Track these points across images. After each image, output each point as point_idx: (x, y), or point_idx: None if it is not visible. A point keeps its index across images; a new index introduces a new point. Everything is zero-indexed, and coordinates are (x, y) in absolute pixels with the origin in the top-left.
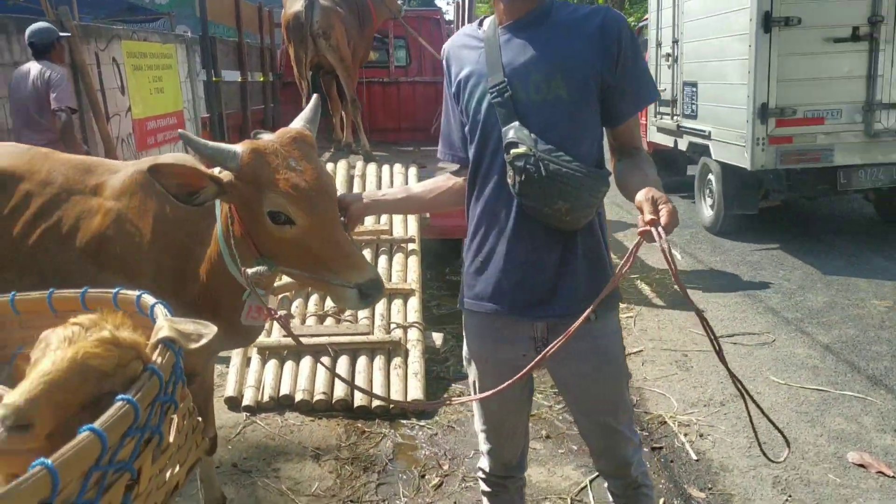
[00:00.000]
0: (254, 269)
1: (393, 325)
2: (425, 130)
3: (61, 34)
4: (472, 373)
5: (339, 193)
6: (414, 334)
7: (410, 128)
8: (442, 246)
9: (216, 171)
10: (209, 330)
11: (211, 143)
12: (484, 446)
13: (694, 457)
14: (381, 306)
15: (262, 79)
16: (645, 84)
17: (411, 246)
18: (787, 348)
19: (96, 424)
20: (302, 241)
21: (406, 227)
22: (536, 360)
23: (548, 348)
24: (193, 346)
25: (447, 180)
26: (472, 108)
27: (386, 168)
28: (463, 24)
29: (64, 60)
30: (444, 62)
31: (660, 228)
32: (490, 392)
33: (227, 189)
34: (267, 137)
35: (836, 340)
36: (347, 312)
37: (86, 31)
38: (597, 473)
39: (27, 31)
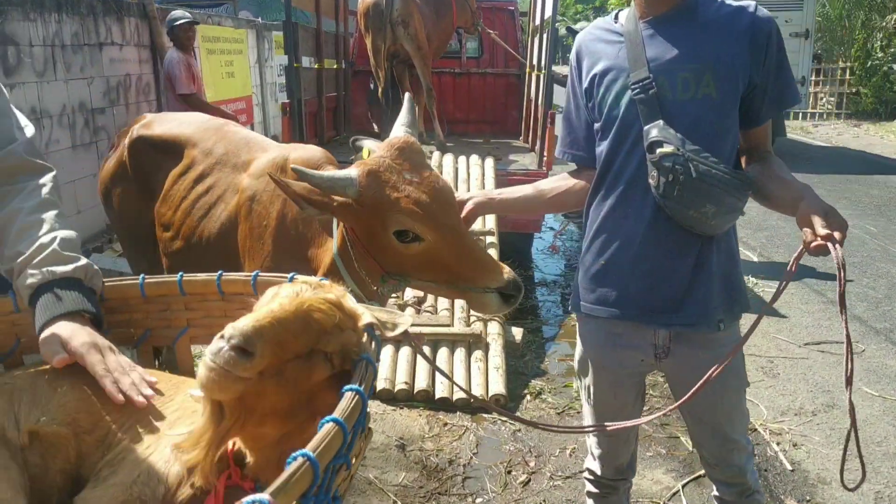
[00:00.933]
0: (387, 287)
1: (473, 318)
2: (494, 123)
3: (176, 22)
4: (587, 377)
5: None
6: (494, 328)
7: (480, 119)
8: (514, 239)
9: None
10: (404, 319)
11: (326, 174)
12: (595, 450)
13: (789, 467)
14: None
15: (335, 66)
16: (788, 86)
17: (489, 239)
18: (879, 359)
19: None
20: (432, 255)
21: (484, 219)
22: (683, 400)
23: (695, 387)
24: (390, 334)
25: (566, 180)
26: (607, 103)
27: (462, 159)
28: (538, 15)
29: (185, 47)
30: (573, 56)
31: (837, 246)
32: (625, 423)
33: (338, 213)
34: (369, 145)
35: None
36: (428, 303)
37: (165, 15)
38: (689, 478)
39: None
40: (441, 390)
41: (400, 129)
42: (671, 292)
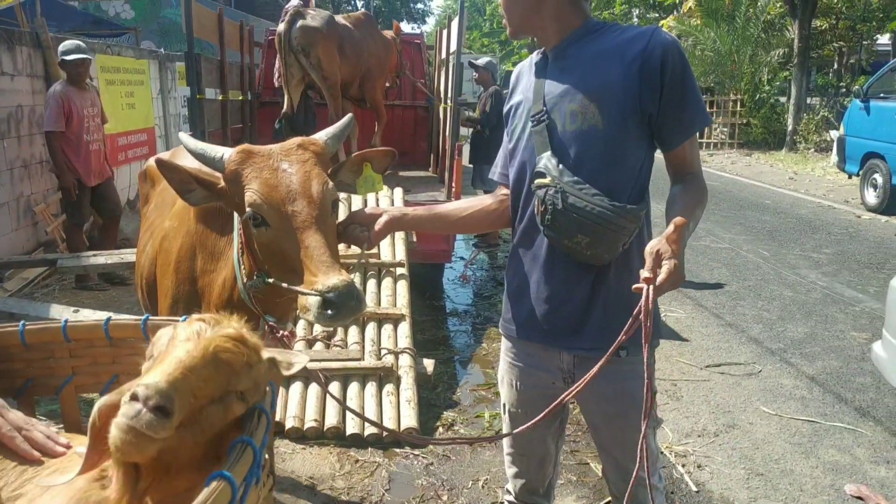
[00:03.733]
0: (251, 283)
1: (384, 351)
2: (404, 154)
3: (67, 57)
4: (503, 394)
5: (363, 208)
6: (405, 360)
7: None
8: (424, 270)
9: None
10: (300, 358)
11: (202, 145)
12: (509, 469)
13: (694, 488)
14: (371, 331)
15: (240, 97)
16: (695, 110)
17: (400, 270)
18: (774, 378)
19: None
20: (275, 244)
21: (394, 250)
22: (555, 403)
23: (570, 390)
24: (286, 373)
25: (480, 201)
26: (516, 134)
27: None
28: (444, 49)
29: (75, 80)
30: (510, 82)
31: (650, 288)
32: (522, 427)
33: (220, 193)
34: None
35: (820, 371)
36: (338, 337)
37: (60, 43)
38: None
39: None
40: (352, 427)
41: (321, 134)
42: (571, 317)
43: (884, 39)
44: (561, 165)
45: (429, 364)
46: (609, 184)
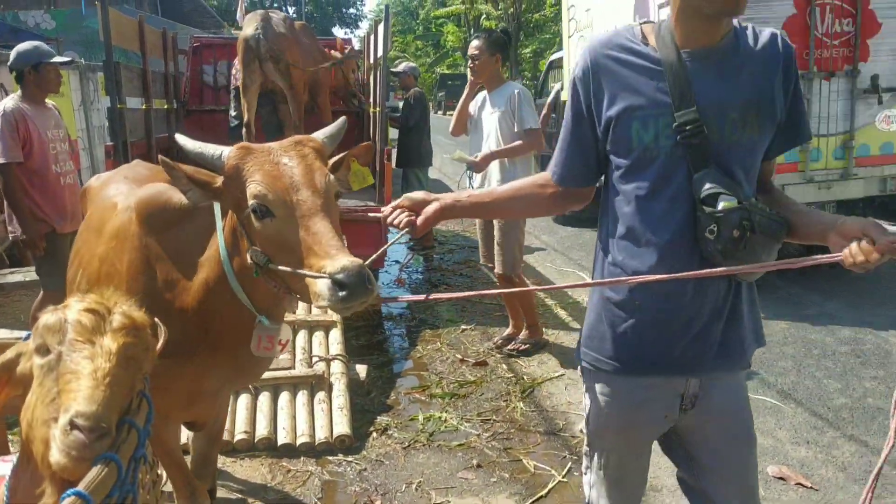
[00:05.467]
0: (250, 261)
1: (315, 359)
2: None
3: (47, 60)
4: (608, 444)
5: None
6: (337, 367)
7: None
8: None
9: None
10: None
11: (198, 144)
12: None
13: None
14: (301, 339)
15: (166, 106)
16: (804, 119)
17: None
18: None
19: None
20: (281, 234)
21: None
22: None
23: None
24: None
25: (534, 185)
26: (643, 143)
27: None
28: (373, 54)
29: (35, 96)
30: (584, 74)
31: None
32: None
33: (217, 193)
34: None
35: None
36: None
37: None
38: (531, 500)
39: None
40: (283, 436)
41: (318, 133)
42: (712, 340)
43: None
44: (733, 182)
45: (361, 370)
46: (750, 195)
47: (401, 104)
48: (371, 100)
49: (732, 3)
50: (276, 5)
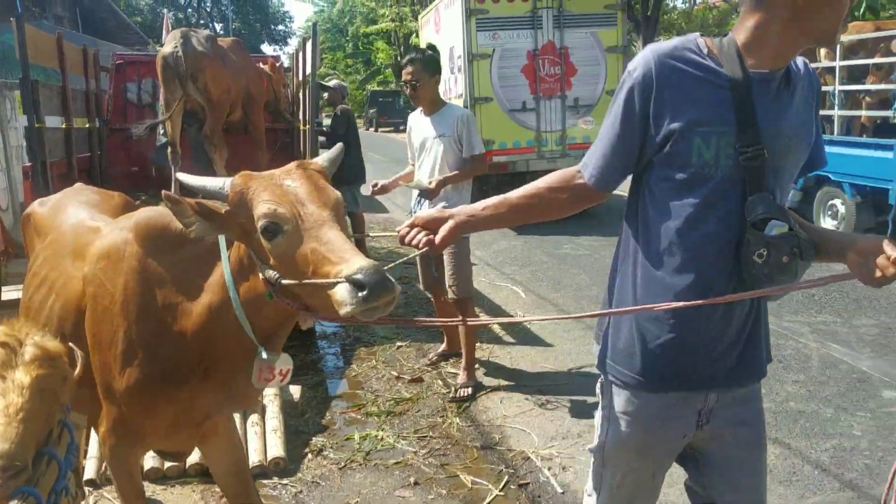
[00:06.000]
0: (263, 282)
1: None
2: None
3: None
4: (616, 462)
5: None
6: (270, 389)
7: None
8: None
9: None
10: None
11: (200, 179)
12: None
13: (559, 490)
14: None
15: (88, 125)
16: (822, 148)
17: None
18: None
19: None
20: (292, 250)
21: None
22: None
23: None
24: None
25: (549, 190)
26: (697, 158)
27: None
28: (301, 71)
29: None
30: (644, 78)
31: None
32: None
33: (222, 223)
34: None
35: None
36: None
37: None
38: None
39: None
40: None
41: (318, 158)
42: (735, 357)
43: None
44: (781, 207)
45: (295, 390)
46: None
47: (328, 121)
48: (301, 117)
49: (831, 37)
50: (202, 22)
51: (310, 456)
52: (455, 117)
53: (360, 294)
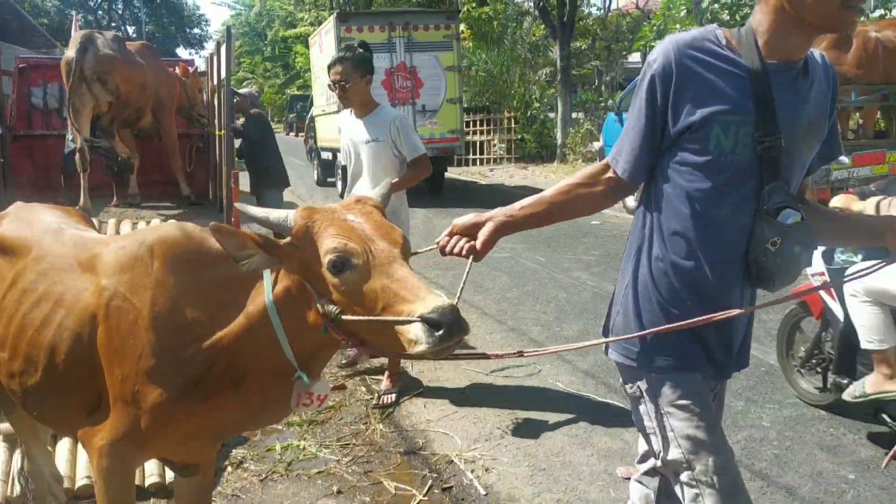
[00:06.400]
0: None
1: None
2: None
3: None
4: (701, 450)
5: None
6: None
7: (166, 181)
8: None
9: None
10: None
11: (262, 210)
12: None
13: (482, 492)
14: None
15: None
16: (838, 137)
17: None
18: (553, 377)
19: None
20: (361, 286)
21: None
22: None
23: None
24: None
25: (587, 186)
26: (715, 146)
27: (142, 225)
28: (216, 76)
29: None
30: (665, 69)
31: None
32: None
33: (281, 256)
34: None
35: (593, 365)
36: None
37: None
38: None
39: None
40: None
41: (370, 192)
42: (737, 346)
43: (635, 57)
44: (796, 196)
45: None
46: None
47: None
48: (216, 122)
49: (834, 22)
50: (113, 25)
51: (230, 469)
52: (389, 121)
53: (436, 334)
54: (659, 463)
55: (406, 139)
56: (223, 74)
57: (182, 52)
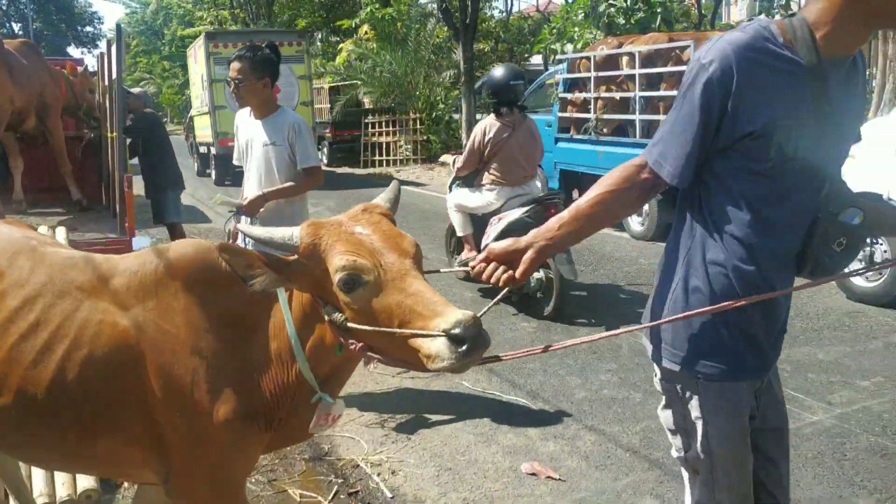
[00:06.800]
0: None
1: None
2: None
3: None
4: (726, 460)
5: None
6: None
7: (56, 187)
8: None
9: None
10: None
11: (266, 230)
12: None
13: (389, 495)
14: None
15: None
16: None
17: None
18: (458, 376)
19: None
20: (377, 302)
21: None
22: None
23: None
24: None
25: (622, 191)
26: (776, 151)
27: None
28: (107, 76)
29: None
30: (723, 72)
31: None
32: None
33: (290, 275)
34: None
35: (496, 364)
36: None
37: None
38: None
39: None
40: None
41: (377, 199)
42: (779, 340)
43: (536, 59)
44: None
45: None
46: None
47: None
48: (108, 124)
49: None
50: None
51: (126, 484)
52: (288, 124)
53: (460, 349)
54: (682, 454)
55: (301, 146)
56: (115, 74)
57: (74, 52)
